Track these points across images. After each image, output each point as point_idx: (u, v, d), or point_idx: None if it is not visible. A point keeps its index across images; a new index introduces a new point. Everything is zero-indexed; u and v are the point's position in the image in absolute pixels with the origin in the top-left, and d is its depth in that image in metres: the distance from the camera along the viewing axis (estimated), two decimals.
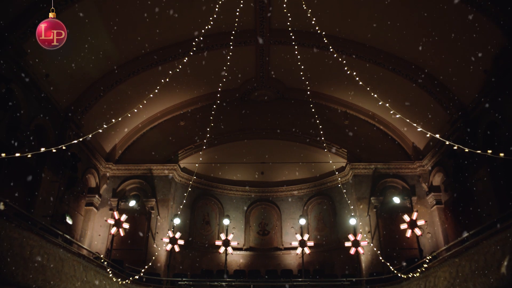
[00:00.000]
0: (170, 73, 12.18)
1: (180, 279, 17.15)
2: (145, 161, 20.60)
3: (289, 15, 14.26)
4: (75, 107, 17.05)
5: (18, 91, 13.69)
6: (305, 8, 12.68)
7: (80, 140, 10.33)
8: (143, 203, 19.87)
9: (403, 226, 17.31)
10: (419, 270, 13.36)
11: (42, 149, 8.61)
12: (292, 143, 21.18)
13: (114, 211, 18.17)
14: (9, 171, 13.22)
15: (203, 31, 12.48)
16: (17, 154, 8.09)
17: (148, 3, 15.12)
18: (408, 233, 17.21)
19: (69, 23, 13.19)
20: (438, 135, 9.25)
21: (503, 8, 12.88)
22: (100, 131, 10.07)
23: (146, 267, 15.83)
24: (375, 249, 17.94)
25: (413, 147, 20.21)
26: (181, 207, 18.98)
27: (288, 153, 21.33)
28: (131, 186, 20.43)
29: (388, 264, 15.31)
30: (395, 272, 14.64)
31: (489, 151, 8.32)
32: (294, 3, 14.31)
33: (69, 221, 16.80)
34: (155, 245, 18.73)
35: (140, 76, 17.86)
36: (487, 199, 14.78)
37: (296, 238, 19.00)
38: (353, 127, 20.80)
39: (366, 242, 18.01)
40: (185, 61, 17.25)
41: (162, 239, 18.48)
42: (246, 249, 21.81)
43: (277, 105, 21.42)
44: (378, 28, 16.13)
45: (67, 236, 12.49)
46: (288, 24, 14.25)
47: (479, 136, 15.21)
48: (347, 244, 18.07)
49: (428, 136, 9.06)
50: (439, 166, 18.54)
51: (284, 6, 14.09)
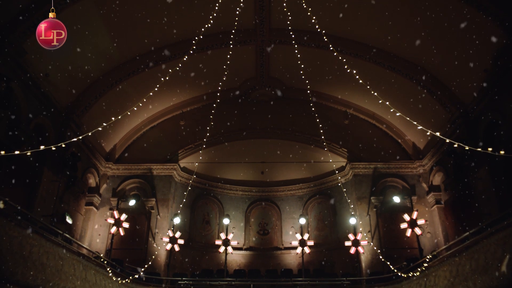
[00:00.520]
0: (170, 71, 12.14)
1: (180, 278, 17.14)
2: (145, 161, 20.59)
3: (288, 13, 14.24)
4: (75, 106, 17.07)
5: (18, 91, 13.70)
6: (305, 7, 12.67)
7: (80, 138, 10.31)
8: (143, 203, 19.85)
9: (403, 225, 17.29)
10: (419, 269, 13.34)
11: (42, 146, 8.59)
12: (292, 142, 21.14)
13: (114, 211, 18.17)
14: (9, 170, 13.21)
15: (203, 29, 12.45)
16: (16, 152, 8.07)
17: (148, 2, 15.15)
18: (408, 233, 17.19)
19: (69, 23, 13.19)
20: (438, 133, 9.19)
21: (502, 7, 12.89)
22: (100, 129, 10.02)
23: (146, 266, 15.83)
24: (375, 248, 17.93)
25: (413, 147, 20.20)
26: (181, 206, 18.95)
27: (288, 152, 21.30)
28: (131, 186, 20.41)
29: (388, 263, 15.29)
30: (395, 271, 14.62)
31: (490, 149, 8.30)
32: (294, 2, 14.32)
33: (69, 220, 16.80)
34: (155, 245, 18.72)
35: (140, 75, 17.88)
36: (487, 198, 14.76)
37: (296, 238, 18.98)
38: (353, 126, 20.82)
39: (366, 242, 17.98)
40: (185, 61, 17.30)
41: (162, 239, 18.46)
42: (246, 249, 21.79)
43: (277, 105, 21.41)
44: (378, 28, 16.15)
45: (67, 235, 12.50)
46: (288, 21, 14.20)
47: (479, 135, 15.20)
48: (347, 243, 18.05)
49: (428, 134, 9.01)
50: (439, 166, 18.53)
51: (284, 5, 14.07)
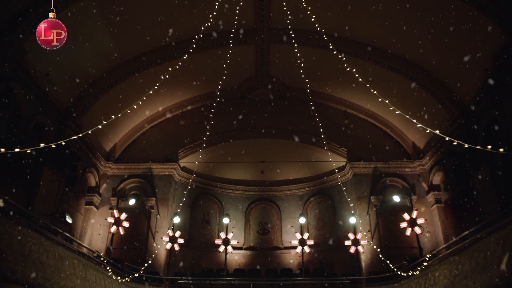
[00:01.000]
0: (170, 69, 12.15)
1: (180, 277, 17.15)
2: (145, 160, 20.58)
3: (288, 12, 14.26)
4: (75, 106, 17.07)
5: (18, 90, 13.70)
6: (304, 6, 12.67)
7: (80, 136, 10.32)
8: (143, 202, 19.85)
9: (403, 224, 17.29)
10: (419, 268, 13.34)
11: (42, 144, 8.60)
12: (292, 142, 21.15)
13: (114, 210, 18.18)
14: (9, 170, 13.23)
15: (202, 28, 12.46)
16: (16, 150, 8.08)
17: (148, 2, 15.15)
18: (408, 232, 17.19)
19: (69, 22, 13.22)
20: (437, 131, 9.21)
21: (502, 6, 12.89)
22: (100, 127, 10.04)
23: (145, 265, 15.81)
24: (375, 247, 17.93)
25: (413, 146, 20.21)
26: (180, 205, 18.92)
27: (288, 152, 21.32)
28: (131, 185, 20.41)
29: (388, 262, 15.29)
30: (395, 270, 14.62)
31: (489, 147, 8.31)
32: (294, 2, 14.33)
33: (69, 220, 16.80)
34: (155, 244, 18.71)
35: (140, 75, 17.88)
36: (487, 197, 14.75)
37: (296, 237, 18.98)
38: (353, 126, 20.82)
39: (366, 241, 17.99)
40: (185, 60, 17.29)
41: (162, 238, 18.47)
42: (246, 248, 21.79)
43: (277, 104, 21.43)
44: (377, 27, 16.15)
45: (67, 234, 12.51)
46: (288, 19, 14.22)
47: (479, 134, 15.20)
48: (347, 243, 18.05)
49: (428, 132, 9.01)
50: (439, 165, 18.53)
51: (284, 4, 14.08)
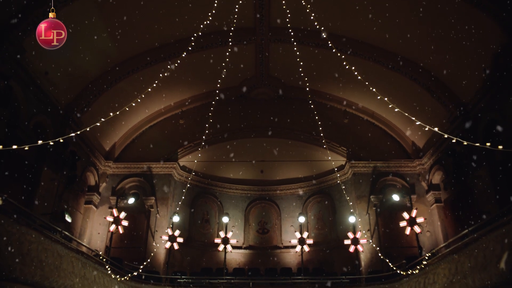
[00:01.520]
0: (169, 67, 12.14)
1: (179, 276, 17.13)
2: (144, 159, 20.56)
3: (288, 11, 14.23)
4: (75, 105, 17.05)
5: (17, 89, 13.68)
6: (303, 4, 12.66)
7: (78, 133, 10.29)
8: (142, 201, 19.84)
9: (403, 223, 17.27)
10: (418, 267, 13.33)
11: (40, 141, 8.59)
12: (292, 141, 21.14)
13: (113, 209, 18.17)
14: (9, 169, 13.21)
15: (202, 26, 12.46)
16: (14, 146, 8.06)
17: (147, 1, 15.13)
18: (408, 231, 17.17)
19: (68, 21, 13.20)
20: (436, 128, 9.19)
21: (503, 6, 12.86)
22: (98, 124, 10.02)
23: (144, 263, 15.80)
24: (374, 246, 17.92)
25: (413, 146, 20.20)
26: (179, 203, 18.87)
27: (288, 151, 21.30)
28: (131, 184, 20.38)
29: (387, 260, 15.27)
30: (395, 269, 14.60)
31: (488, 144, 8.30)
32: (293, 1, 14.30)
33: (68, 219, 16.77)
34: (154, 243, 18.69)
35: (140, 74, 17.86)
36: (487, 197, 14.73)
37: (296, 236, 18.97)
38: (352, 125, 20.81)
39: (366, 240, 17.98)
40: (184, 59, 17.26)
41: (161, 237, 18.45)
42: (245, 248, 21.78)
43: (276, 104, 21.42)
44: (377, 26, 16.10)
45: (66, 233, 12.49)
46: (287, 19, 14.20)
47: (479, 134, 15.17)
48: (347, 242, 18.04)
49: (427, 130, 9.00)
50: (438, 165, 18.52)
51: (283, 3, 14.06)
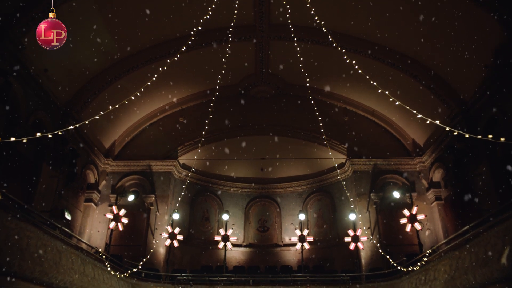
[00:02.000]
0: (168, 61, 12.10)
1: (179, 274, 17.09)
2: (144, 157, 20.54)
3: (288, 7, 14.19)
4: (74, 102, 17.03)
5: (17, 86, 13.64)
6: (304, 1, 12.61)
7: (77, 125, 10.28)
8: (142, 199, 19.81)
9: (403, 220, 17.23)
10: (419, 264, 13.29)
11: (38, 134, 8.54)
12: (292, 139, 21.09)
13: (113, 206, 18.14)
14: (8, 166, 13.18)
15: (201, 21, 12.41)
16: (12, 138, 8.01)
17: None
18: (408, 228, 17.14)
19: (68, 18, 13.19)
20: (438, 121, 9.13)
21: (503, 2, 12.81)
22: (97, 117, 9.98)
23: (144, 260, 15.76)
24: (374, 242, 17.87)
25: (413, 143, 20.15)
26: (179, 199, 18.80)
27: (288, 149, 21.26)
28: (130, 182, 20.35)
29: (388, 257, 15.21)
30: (395, 265, 14.55)
31: (490, 136, 8.25)
32: None
33: (68, 216, 16.73)
34: (154, 241, 18.66)
35: (139, 71, 17.80)
36: (487, 194, 14.70)
37: (296, 234, 18.93)
38: (353, 123, 20.77)
39: (366, 238, 17.95)
40: (184, 57, 17.19)
41: (161, 234, 18.42)
42: (245, 246, 21.74)
43: (276, 101, 21.37)
44: (377, 23, 16.07)
45: (65, 229, 12.44)
46: (287, 15, 14.14)
47: (479, 131, 15.12)
48: (347, 239, 18.01)
49: (428, 123, 8.95)
50: (439, 162, 18.48)
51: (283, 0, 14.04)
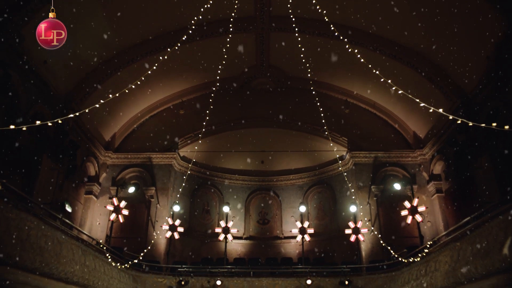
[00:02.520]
0: (168, 50, 12.01)
1: (179, 266, 17.10)
2: (144, 150, 20.51)
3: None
4: (74, 94, 16.96)
5: (17, 78, 13.55)
6: None
7: (77, 114, 10.20)
8: (142, 192, 19.79)
9: (404, 212, 17.24)
10: (420, 255, 13.28)
11: (38, 122, 8.48)
12: (292, 131, 21.04)
13: (113, 198, 18.14)
14: (8, 158, 13.13)
15: (202, 10, 12.30)
16: (11, 126, 7.94)
17: None
18: (409, 220, 17.13)
19: (67, 10, 13.12)
20: (441, 110, 9.03)
21: None
22: (97, 106, 10.01)
23: (145, 251, 15.76)
24: (375, 233, 17.85)
25: (414, 136, 20.10)
26: (180, 190, 18.75)
27: (288, 142, 21.22)
28: (131, 175, 20.32)
29: (389, 248, 15.18)
30: (396, 256, 14.54)
31: (494, 124, 8.16)
32: None
33: (68, 209, 16.74)
34: (154, 233, 18.66)
35: (139, 63, 17.69)
36: (489, 186, 14.65)
37: (296, 226, 18.93)
38: (353, 115, 20.70)
39: (367, 230, 17.94)
40: (185, 49, 17.09)
41: (161, 226, 18.41)
42: (246, 238, 21.76)
43: (277, 94, 21.30)
44: (379, 15, 15.95)
45: (66, 220, 12.43)
46: (288, 7, 14.03)
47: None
48: (348, 231, 18.01)
49: (431, 111, 8.87)
50: (440, 155, 18.43)
51: None
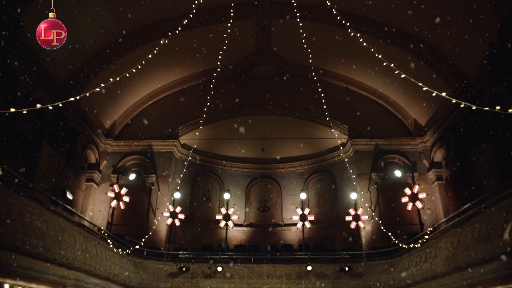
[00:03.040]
0: (169, 34, 11.91)
1: (180, 252, 17.19)
2: (145, 137, 20.48)
3: None
4: (74, 81, 16.85)
5: (15, 63, 13.44)
6: None
7: (78, 98, 10.13)
8: (143, 179, 19.81)
9: (405, 199, 17.27)
10: (420, 241, 13.32)
11: (38, 105, 8.42)
12: (293, 119, 21.00)
13: (114, 185, 18.17)
14: (8, 145, 13.10)
15: (200, 1, 12.19)
16: (12, 110, 7.89)
17: None
18: (409, 207, 17.17)
19: None
20: (444, 93, 8.96)
21: None
22: (98, 90, 9.90)
23: (146, 237, 15.83)
24: (376, 219, 17.91)
25: (415, 124, 20.06)
26: (181, 177, 18.78)
27: (289, 129, 21.19)
28: (131, 162, 20.33)
29: (390, 233, 15.23)
30: (397, 242, 14.58)
31: (498, 107, 8.10)
32: None
33: (69, 196, 16.76)
34: (155, 221, 18.73)
35: (139, 50, 17.57)
36: (489, 173, 14.65)
37: (297, 213, 18.99)
38: (354, 103, 20.62)
39: (367, 217, 18.00)
40: (184, 36, 16.96)
41: (162, 213, 18.47)
42: (246, 225, 21.87)
43: (278, 81, 21.18)
44: (380, 1, 15.81)
45: (67, 206, 12.44)
46: None
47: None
48: (348, 218, 18.06)
49: (434, 95, 8.79)
50: (440, 142, 18.42)
51: None
